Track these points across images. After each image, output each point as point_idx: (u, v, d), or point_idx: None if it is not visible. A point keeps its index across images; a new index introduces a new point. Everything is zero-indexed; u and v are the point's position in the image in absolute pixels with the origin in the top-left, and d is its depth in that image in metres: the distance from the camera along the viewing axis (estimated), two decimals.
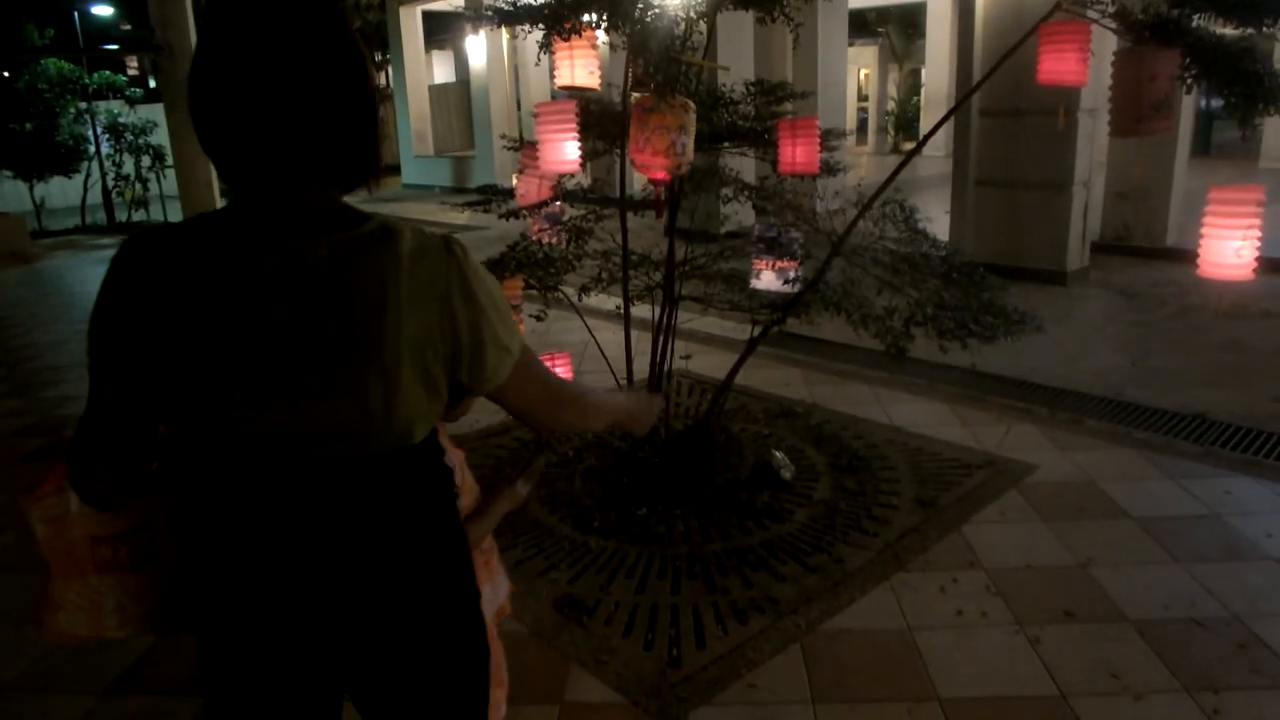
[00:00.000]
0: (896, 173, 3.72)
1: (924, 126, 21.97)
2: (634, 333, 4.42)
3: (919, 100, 22.38)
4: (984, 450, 4.59)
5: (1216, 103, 17.49)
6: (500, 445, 4.89)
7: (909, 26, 25.33)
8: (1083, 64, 3.12)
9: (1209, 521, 3.84)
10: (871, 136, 26.50)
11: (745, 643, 3.09)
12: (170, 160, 14.52)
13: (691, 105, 3.11)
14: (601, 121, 4.12)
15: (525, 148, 4.11)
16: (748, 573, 3.52)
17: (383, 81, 22.79)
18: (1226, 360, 6.03)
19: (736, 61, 9.39)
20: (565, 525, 3.96)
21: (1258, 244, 2.82)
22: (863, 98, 28.01)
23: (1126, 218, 9.80)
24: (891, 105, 25.46)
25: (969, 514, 3.95)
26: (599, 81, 3.65)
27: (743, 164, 4.51)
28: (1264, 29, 2.90)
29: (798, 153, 3.54)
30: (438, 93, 20.16)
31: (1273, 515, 3.86)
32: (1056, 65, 3.15)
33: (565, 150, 3.37)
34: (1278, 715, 2.67)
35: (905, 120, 23.71)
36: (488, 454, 4.77)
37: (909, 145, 22.32)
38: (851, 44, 16.61)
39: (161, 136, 14.62)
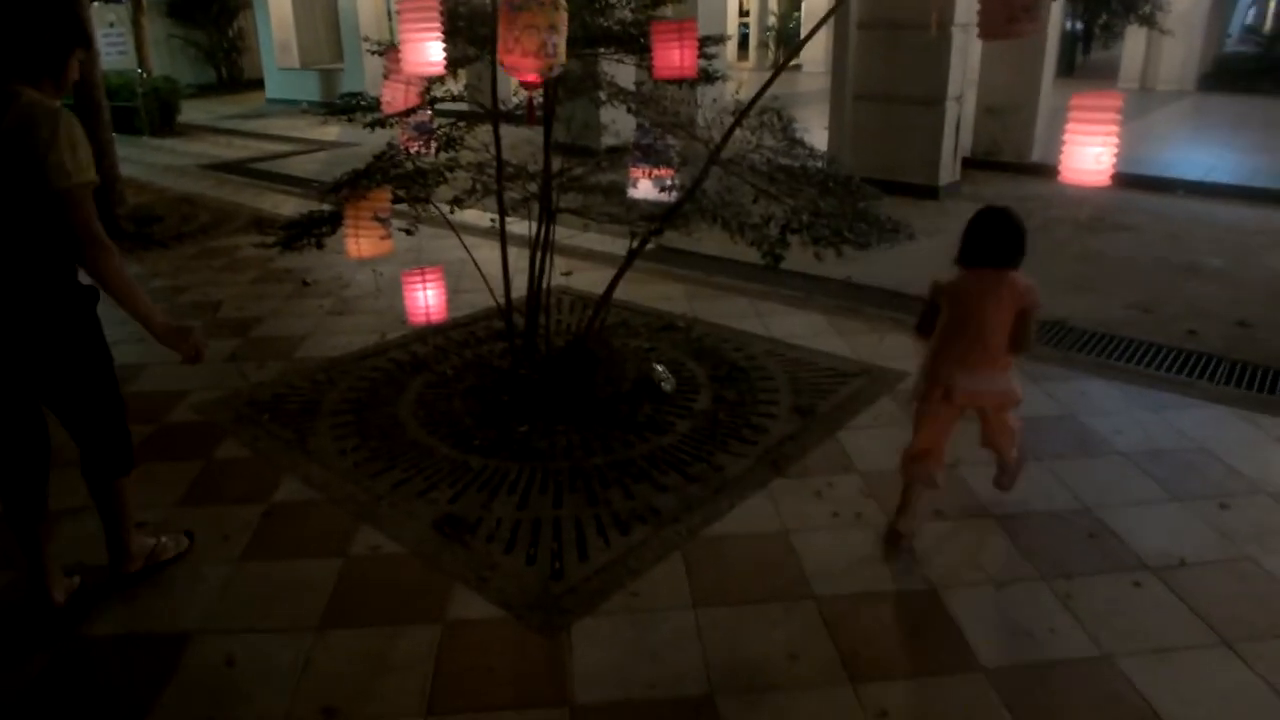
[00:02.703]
0: (772, 79, 3.66)
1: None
2: (512, 250, 4.30)
3: (799, 16, 22.31)
4: (859, 359, 4.70)
5: (1080, 25, 18.07)
6: (375, 367, 4.72)
7: None
8: None
9: (1066, 421, 4.04)
10: (752, 52, 26.38)
11: (627, 553, 3.10)
12: None
13: (562, 3, 2.95)
14: (471, 24, 3.91)
15: (390, 51, 3.87)
16: (629, 484, 3.52)
17: None
18: (1084, 270, 6.31)
19: None
20: (445, 445, 3.87)
21: (1115, 151, 2.90)
22: (744, 12, 27.76)
23: (996, 134, 10.08)
24: (773, 20, 25.33)
25: (845, 421, 4.04)
26: None
27: (621, 72, 4.36)
28: None
29: (675, 56, 3.43)
30: (302, 1, 18.94)
31: (1121, 414, 4.09)
32: None
33: (428, 51, 3.17)
34: (1120, 596, 2.85)
35: (786, 35, 23.65)
36: (361, 375, 4.60)
37: (793, 60, 22.31)
38: None
39: None
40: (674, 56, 3.47)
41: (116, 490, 2.88)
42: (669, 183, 3.37)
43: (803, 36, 21.66)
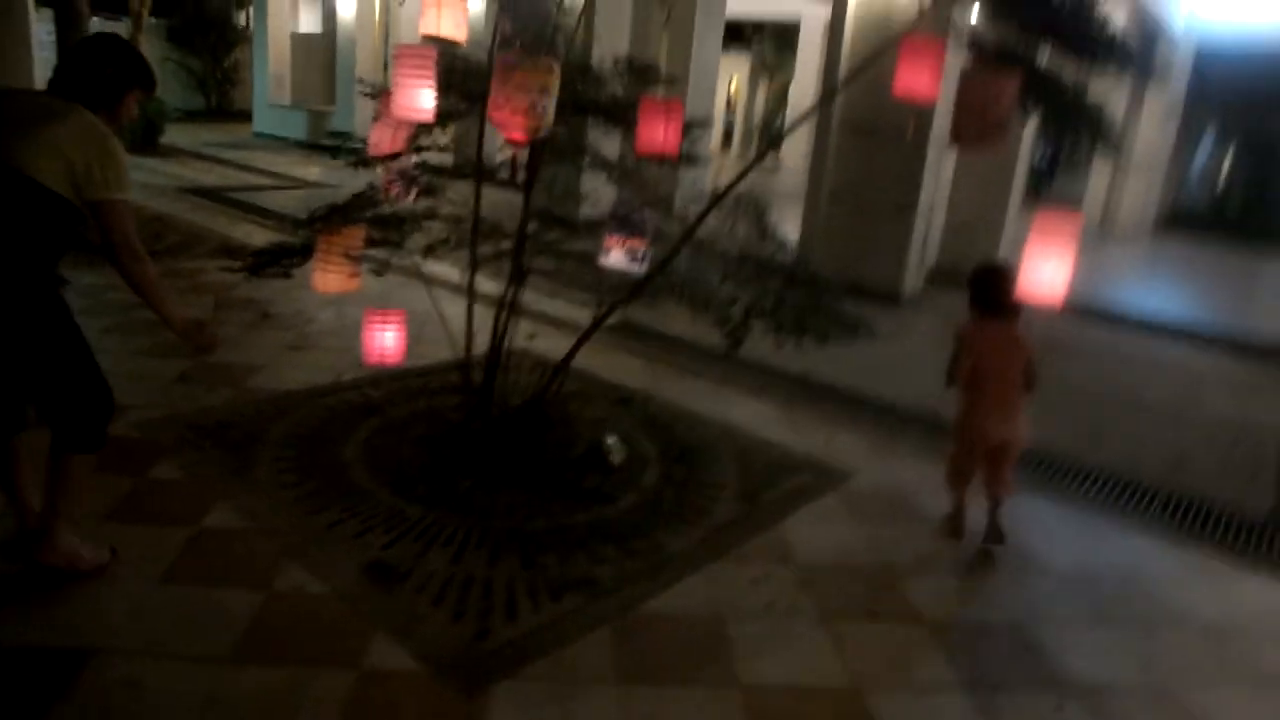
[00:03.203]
0: (752, 165, 3.79)
1: (787, 142, 22.63)
2: (479, 308, 4.30)
3: (785, 114, 23.01)
4: (808, 454, 4.73)
5: (1045, 162, 18.86)
6: (327, 405, 4.66)
7: (782, 41, 26.03)
8: (935, 80, 3.24)
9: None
10: (735, 144, 27.09)
11: (557, 620, 3.05)
12: None
13: (555, 67, 3.04)
14: (465, 79, 3.99)
15: (383, 95, 3.93)
16: (567, 552, 3.48)
17: (242, 22, 21.55)
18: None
19: (612, 36, 9.30)
20: (385, 491, 3.81)
21: (1070, 271, 3.01)
22: (730, 106, 28.60)
23: (962, 249, 10.37)
24: (758, 117, 26.10)
25: (788, 511, 4.06)
26: (464, 34, 3.53)
27: (606, 143, 4.46)
28: (1093, 66, 3.10)
29: (659, 134, 3.52)
30: (301, 41, 19.17)
31: (1058, 536, 4.15)
32: (912, 79, 3.26)
33: (420, 97, 3.23)
34: (1045, 715, 2.85)
35: (770, 131, 24.35)
36: (311, 412, 4.54)
37: (771, 158, 22.93)
38: (725, 51, 16.88)
39: None
40: (658, 134, 3.56)
41: (63, 466, 2.89)
42: (641, 254, 3.42)
43: (783, 127, 22.36)
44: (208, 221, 9.13)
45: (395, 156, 3.99)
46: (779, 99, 27.01)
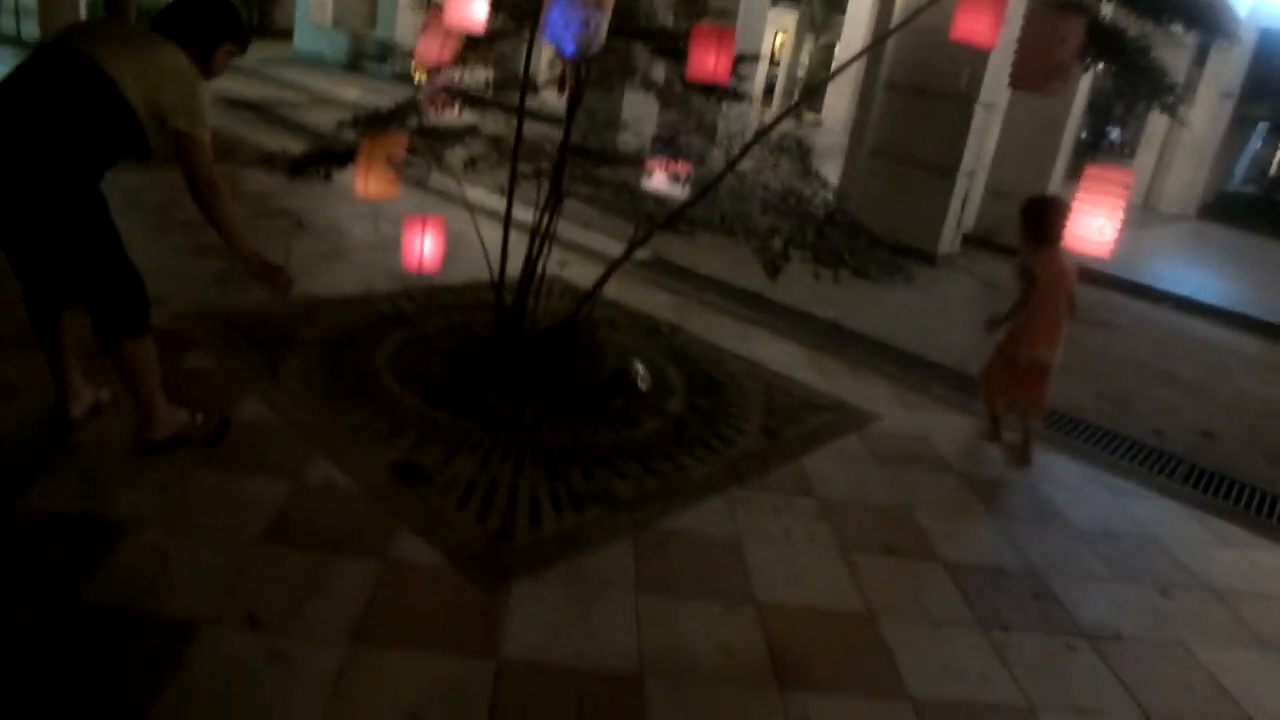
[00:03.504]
0: (800, 101, 3.72)
1: (829, 100, 22.30)
2: (513, 235, 4.29)
3: (828, 74, 22.61)
4: (833, 395, 4.73)
5: (1092, 136, 18.46)
6: (357, 313, 4.69)
7: (832, 1, 25.50)
8: (996, 25, 3.16)
9: (1026, 488, 4.09)
10: (776, 100, 26.69)
11: (578, 528, 3.09)
12: None
13: None
14: None
15: (432, 8, 3.89)
16: (591, 466, 3.52)
17: None
18: (1065, 357, 6.39)
19: None
20: (413, 398, 3.85)
21: (1119, 225, 2.96)
22: (774, 63, 28.12)
23: (999, 216, 10.22)
24: (802, 72, 25.68)
25: (810, 448, 4.06)
26: None
27: (652, 74, 4.39)
28: (1161, 23, 3.03)
29: (711, 61, 3.46)
30: None
31: (1079, 490, 4.14)
32: (971, 23, 3.17)
33: (473, 7, 3.19)
34: (1053, 656, 2.87)
35: (813, 88, 23.96)
36: (343, 318, 4.57)
37: (812, 116, 22.61)
38: (773, 6, 16.57)
39: None
40: (709, 61, 3.50)
41: (122, 351, 2.93)
42: (684, 178, 3.39)
43: (828, 96, 22.01)
44: (246, 132, 9.13)
45: (441, 70, 3.95)
46: (824, 58, 26.54)
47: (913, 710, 2.50)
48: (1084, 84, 9.94)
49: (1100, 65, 3.14)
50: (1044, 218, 4.02)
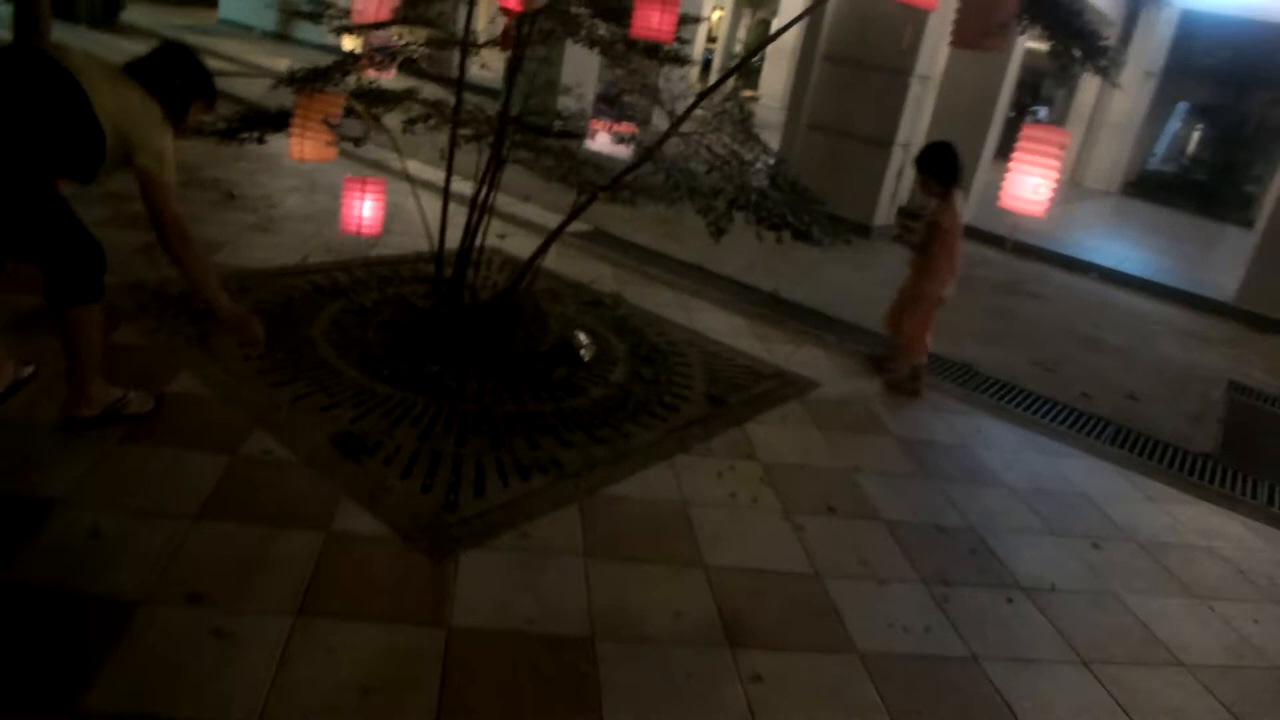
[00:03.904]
0: (740, 65, 3.72)
1: (766, 75, 22.39)
2: (451, 208, 4.22)
3: (767, 38, 22.68)
4: (774, 364, 4.77)
5: (1019, 115, 18.86)
6: (292, 285, 4.57)
7: None
8: None
9: (960, 450, 4.18)
10: (714, 76, 26.69)
11: (525, 497, 3.07)
12: None
13: None
14: None
15: None
16: (535, 436, 3.49)
17: None
18: (996, 326, 6.56)
19: None
20: (353, 370, 3.77)
21: (1054, 184, 3.03)
22: (711, 39, 28.10)
23: None
24: (738, 49, 25.69)
25: (753, 414, 4.10)
26: None
27: (588, 61, 4.34)
28: None
29: (655, 17, 3.43)
30: None
31: (1013, 452, 4.25)
32: None
33: None
34: (993, 608, 2.95)
35: (748, 68, 24.00)
36: (277, 291, 4.45)
37: (749, 92, 22.67)
38: None
39: None
40: (654, 17, 3.48)
41: (70, 319, 2.86)
42: (628, 138, 3.37)
43: (764, 72, 22.08)
44: None
45: (379, 26, 3.86)
46: (760, 34, 26.59)
47: (861, 664, 2.55)
48: (1014, 61, 10.12)
49: (1034, 28, 3.19)
50: (946, 160, 4.31)
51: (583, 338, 4.37)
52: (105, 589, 2.31)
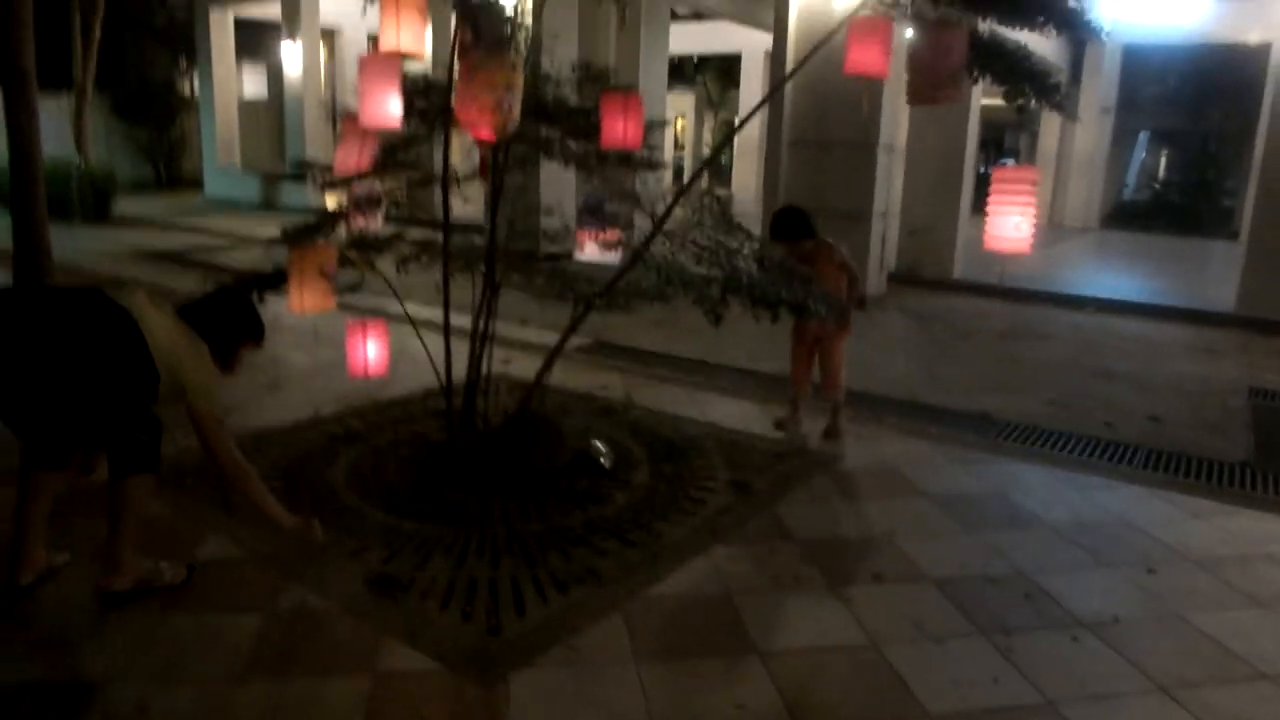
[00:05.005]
0: (713, 157, 3.83)
1: (736, 172, 22.98)
2: (453, 342, 4.29)
3: (732, 150, 23.30)
4: (793, 443, 4.76)
5: (990, 170, 19.34)
6: (306, 438, 4.61)
7: (724, 76, 26.50)
8: (885, 56, 3.34)
9: (996, 499, 4.14)
10: (686, 180, 27.36)
11: (566, 611, 3.03)
12: None
13: (519, 65, 3.10)
14: (427, 94, 4.03)
15: (345, 117, 3.96)
16: (568, 549, 3.47)
17: (187, 91, 21.52)
18: (1005, 372, 6.58)
19: (560, 43, 9.42)
20: (377, 510, 3.77)
21: (1034, 220, 3.09)
22: (679, 145, 28.98)
23: (918, 253, 10.58)
24: (706, 152, 26.45)
25: (782, 495, 4.07)
26: (423, 48, 3.57)
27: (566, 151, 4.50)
28: (1026, 28, 3.24)
29: (620, 128, 3.57)
30: (248, 109, 19.19)
31: (1047, 493, 4.20)
32: (863, 56, 3.35)
33: (388, 106, 3.26)
34: (1058, 650, 2.88)
35: (719, 167, 24.67)
36: (292, 445, 4.49)
37: (721, 190, 23.23)
38: (670, 90, 17.14)
39: None
40: (620, 128, 3.61)
41: (126, 488, 2.95)
42: (616, 244, 3.46)
43: (735, 170, 22.70)
44: (169, 280, 9.04)
45: (362, 176, 4.00)
46: (725, 134, 27.41)
47: None
48: (973, 117, 10.43)
49: (987, 78, 3.31)
50: (797, 220, 4.64)
51: (600, 446, 4.37)
52: None
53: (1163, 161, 24.19)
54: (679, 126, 28.97)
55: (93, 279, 9.09)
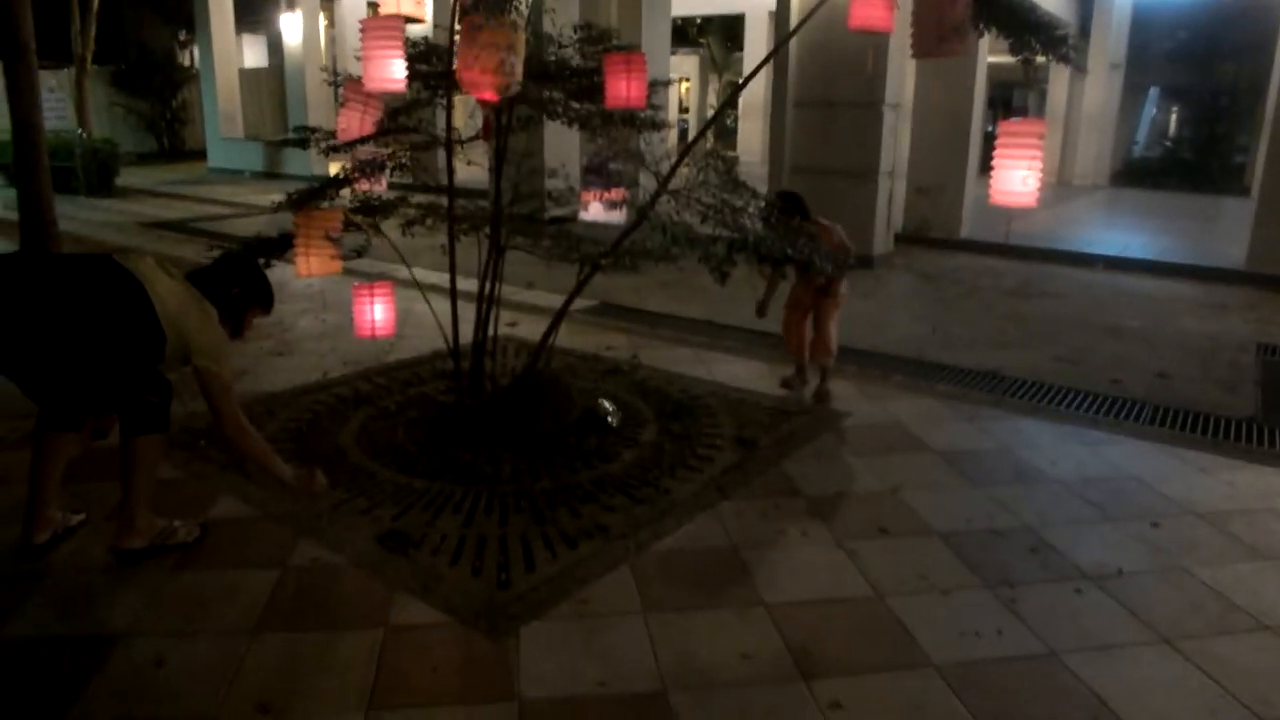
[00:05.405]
0: (715, 116, 3.81)
1: (741, 134, 22.81)
2: (461, 303, 4.30)
3: (736, 113, 23.11)
4: (800, 401, 4.77)
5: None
6: (316, 401, 4.64)
7: (728, 38, 26.21)
8: (889, 9, 3.30)
9: (1002, 454, 4.15)
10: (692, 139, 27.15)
11: (575, 565, 3.06)
12: None
13: (520, 25, 3.07)
14: (429, 56, 4.01)
15: (348, 81, 3.94)
16: (576, 505, 3.50)
17: (187, 61, 21.42)
18: (1012, 329, 6.56)
19: (561, 3, 9.36)
20: (388, 470, 3.81)
21: (1040, 174, 3.07)
22: (684, 109, 28.73)
23: (926, 212, 10.52)
24: (710, 113, 26.22)
25: (788, 452, 4.09)
26: (424, 10, 3.54)
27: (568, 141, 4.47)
28: None
29: (623, 88, 3.55)
30: (249, 77, 19.08)
31: (1056, 448, 4.21)
32: (867, 10, 3.30)
33: (391, 68, 3.24)
34: (1062, 601, 2.90)
35: (724, 128, 24.49)
36: (302, 408, 4.52)
37: (728, 151, 23.07)
38: (674, 53, 16.93)
39: None
40: (622, 89, 3.59)
41: (137, 447, 2.98)
42: (621, 203, 3.45)
43: (740, 131, 22.53)
44: (173, 249, 9.05)
45: (365, 140, 3.99)
46: (730, 95, 27.15)
47: (939, 676, 2.50)
48: (980, 74, 10.31)
49: (993, 30, 3.26)
50: (796, 202, 4.51)
51: (607, 405, 4.39)
52: (174, 714, 2.31)
53: (1173, 118, 23.89)
54: (683, 89, 28.71)
55: (99, 249, 9.11)
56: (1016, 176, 3.04)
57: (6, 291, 2.75)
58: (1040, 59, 3.32)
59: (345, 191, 4.15)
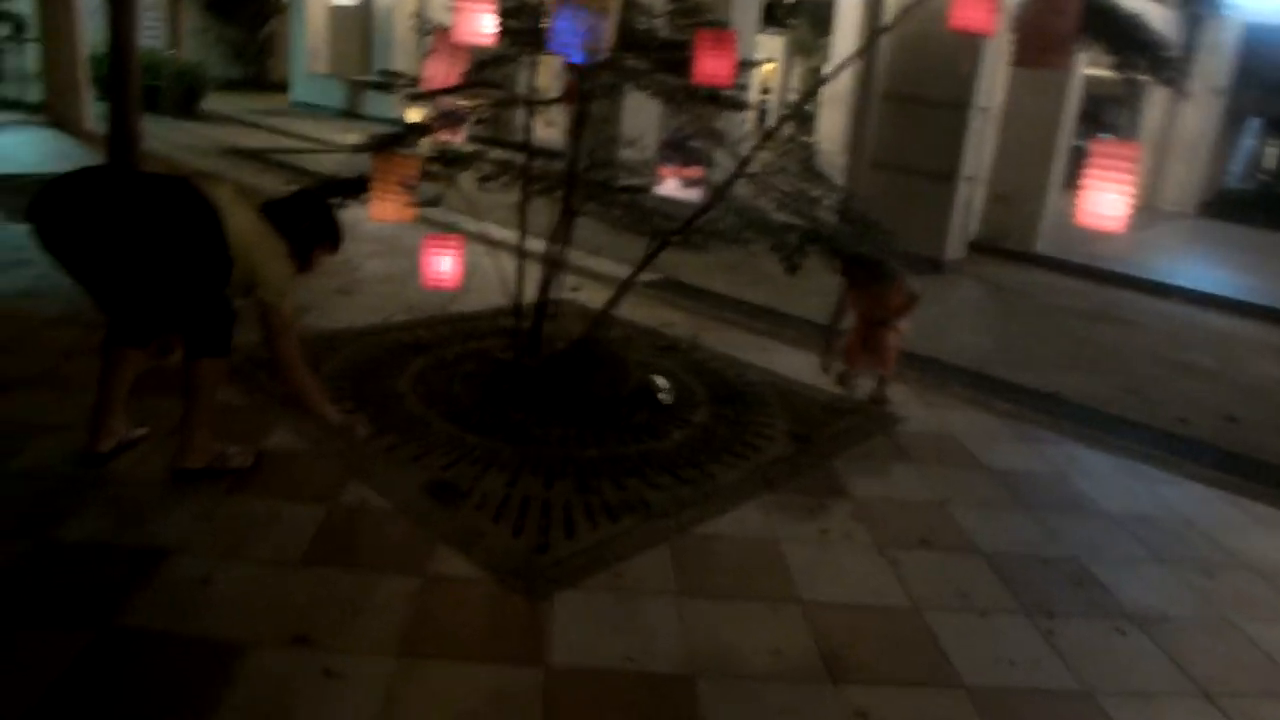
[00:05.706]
0: (805, 99, 3.75)
1: (823, 120, 22.44)
2: (527, 262, 4.31)
3: (825, 77, 22.71)
4: (856, 400, 4.71)
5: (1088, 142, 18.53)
6: (377, 344, 4.70)
7: (817, 22, 25.74)
8: (993, 11, 3.19)
9: (1057, 479, 4.06)
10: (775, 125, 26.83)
11: (615, 537, 3.08)
12: (34, 33, 13.31)
13: None
14: (519, 13, 3.99)
15: (437, 31, 3.95)
16: (621, 478, 3.51)
17: None
18: (1081, 353, 6.41)
19: None
20: (439, 420, 3.85)
21: (1131, 198, 2.97)
22: (765, 90, 28.35)
23: (1003, 221, 10.28)
24: (793, 97, 25.86)
25: (839, 451, 4.05)
26: None
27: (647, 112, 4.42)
28: None
29: (714, 64, 3.49)
30: (338, 14, 19.25)
31: (1112, 481, 4.11)
32: (969, 10, 3.20)
33: (481, 22, 3.24)
34: (1103, 639, 2.84)
35: (804, 114, 24.11)
36: (362, 349, 4.59)
37: (807, 139, 22.75)
38: (760, 31, 16.66)
39: (24, 4, 13.36)
40: (710, 64, 3.54)
41: (200, 369, 3.07)
42: (697, 182, 3.42)
43: (821, 119, 22.18)
44: (252, 178, 9.22)
45: (449, 91, 4.00)
46: (815, 81, 26.73)
47: (970, 701, 2.47)
48: (1074, 87, 10.01)
49: (1095, 45, 3.16)
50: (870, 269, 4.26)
51: (661, 382, 4.39)
52: (217, 633, 2.38)
53: (1271, 151, 22.99)
54: (767, 71, 28.31)
55: (180, 170, 9.31)
56: (1105, 199, 2.94)
57: (89, 204, 2.82)
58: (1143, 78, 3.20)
59: (424, 140, 4.17)
